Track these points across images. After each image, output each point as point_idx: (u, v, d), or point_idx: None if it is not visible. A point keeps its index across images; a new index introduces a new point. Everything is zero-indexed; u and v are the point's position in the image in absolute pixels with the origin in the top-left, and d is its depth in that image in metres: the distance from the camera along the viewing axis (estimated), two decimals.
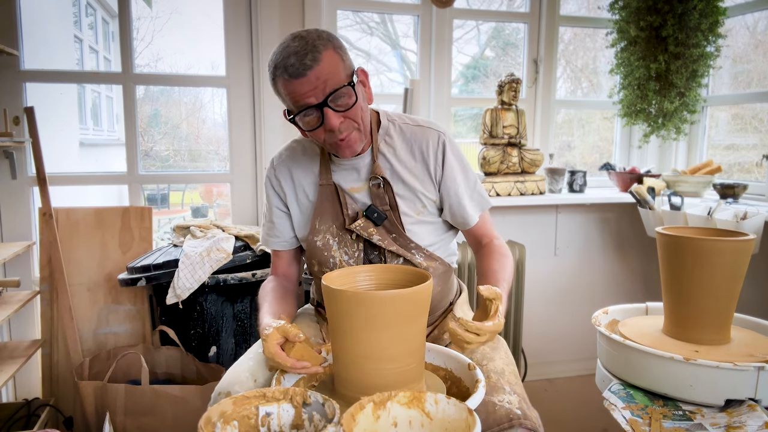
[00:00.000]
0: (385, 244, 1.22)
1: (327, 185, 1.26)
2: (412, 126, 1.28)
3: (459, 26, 2.71)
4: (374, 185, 1.23)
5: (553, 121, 2.70)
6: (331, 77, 1.08)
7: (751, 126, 2.74)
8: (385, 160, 1.25)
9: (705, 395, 1.12)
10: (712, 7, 2.33)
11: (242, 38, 2.22)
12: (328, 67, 1.08)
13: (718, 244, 1.20)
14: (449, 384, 1.09)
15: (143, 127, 4.22)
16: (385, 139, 1.26)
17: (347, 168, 1.26)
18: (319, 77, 1.07)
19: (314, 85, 1.08)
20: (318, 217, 1.27)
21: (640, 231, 2.60)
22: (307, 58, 1.06)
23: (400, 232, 1.23)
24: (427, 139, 1.25)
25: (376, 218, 1.22)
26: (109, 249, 2.08)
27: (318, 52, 1.07)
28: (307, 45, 1.07)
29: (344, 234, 1.25)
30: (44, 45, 2.97)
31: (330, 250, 1.26)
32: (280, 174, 1.31)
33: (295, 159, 1.31)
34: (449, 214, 1.29)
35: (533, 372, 2.63)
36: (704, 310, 1.24)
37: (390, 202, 1.23)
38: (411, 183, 1.25)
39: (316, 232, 1.27)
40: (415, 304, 0.94)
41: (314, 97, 1.09)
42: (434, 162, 1.25)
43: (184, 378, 1.95)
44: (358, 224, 1.22)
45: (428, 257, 1.26)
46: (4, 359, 1.79)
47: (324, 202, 1.26)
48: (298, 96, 1.09)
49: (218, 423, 0.82)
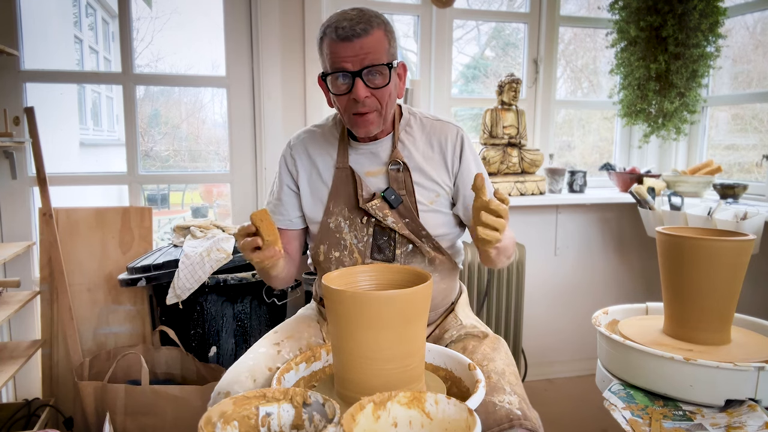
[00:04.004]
0: (398, 228, 1.25)
1: (343, 168, 1.29)
2: (432, 120, 1.34)
3: (459, 26, 2.71)
4: (393, 169, 1.26)
5: (553, 121, 2.70)
6: (373, 52, 1.14)
7: (751, 126, 2.74)
8: (404, 148, 1.29)
9: (705, 395, 1.12)
10: (712, 7, 2.33)
11: (242, 38, 2.22)
12: (374, 42, 1.14)
13: (718, 244, 1.20)
14: (449, 384, 1.09)
15: (143, 127, 4.22)
16: (405, 129, 1.31)
17: (366, 153, 1.29)
18: (363, 47, 1.13)
19: (356, 53, 1.13)
20: (333, 199, 1.29)
21: (640, 231, 2.60)
22: (359, 27, 1.12)
23: (414, 217, 1.25)
24: (446, 133, 1.30)
25: (393, 200, 1.25)
26: (109, 249, 2.08)
27: (371, 26, 1.14)
28: (363, 16, 1.14)
29: (355, 217, 1.28)
30: (44, 45, 2.96)
31: (341, 233, 1.29)
32: (297, 153, 1.34)
33: (315, 140, 1.34)
34: (462, 207, 1.30)
35: (533, 372, 2.63)
36: (704, 310, 1.24)
37: (407, 186, 1.26)
38: (428, 172, 1.28)
39: (330, 214, 1.29)
40: (415, 304, 0.94)
41: (351, 63, 1.14)
42: (452, 154, 1.29)
43: (184, 378, 1.95)
44: (374, 204, 1.24)
45: (436, 248, 1.28)
46: (4, 359, 1.79)
47: (339, 185, 1.29)
48: (338, 58, 1.14)
49: (218, 423, 0.82)
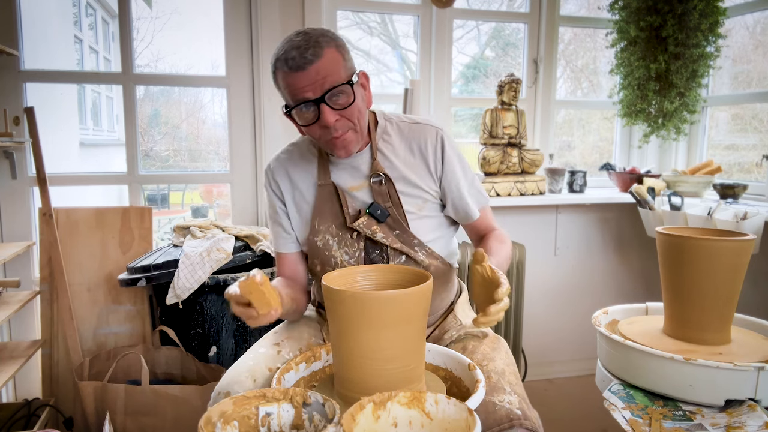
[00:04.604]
0: (388, 242, 1.22)
1: (326, 185, 1.26)
2: (409, 123, 1.29)
3: (459, 26, 2.71)
4: (375, 182, 1.23)
5: (553, 121, 2.70)
6: (330, 74, 1.09)
7: (751, 126, 2.74)
8: (384, 158, 1.25)
9: (705, 395, 1.12)
10: (712, 7, 2.33)
11: (242, 38, 2.22)
12: (328, 64, 1.09)
13: (718, 244, 1.20)
14: (449, 384, 1.09)
15: (143, 127, 4.21)
16: (383, 137, 1.27)
17: (346, 167, 1.26)
18: (319, 72, 1.08)
19: (313, 80, 1.08)
20: (317, 217, 1.26)
21: (640, 231, 2.60)
22: (309, 53, 1.07)
23: (404, 228, 1.23)
24: (425, 136, 1.26)
25: (380, 215, 1.22)
26: (109, 249, 2.08)
27: (320, 47, 1.08)
28: (310, 40, 1.09)
29: (344, 233, 1.25)
30: (44, 45, 2.96)
31: (330, 250, 1.26)
32: (278, 176, 1.31)
33: (293, 161, 1.31)
34: (452, 209, 1.29)
35: (533, 372, 2.63)
36: (704, 310, 1.24)
37: (392, 198, 1.23)
38: (411, 179, 1.25)
39: (316, 233, 1.26)
40: (415, 304, 0.94)
41: (312, 91, 1.09)
42: (434, 158, 1.25)
43: (184, 378, 1.95)
44: (361, 222, 1.22)
45: (430, 255, 1.26)
46: (4, 359, 1.79)
47: (323, 203, 1.26)
48: (297, 89, 1.10)
49: (218, 423, 0.82)
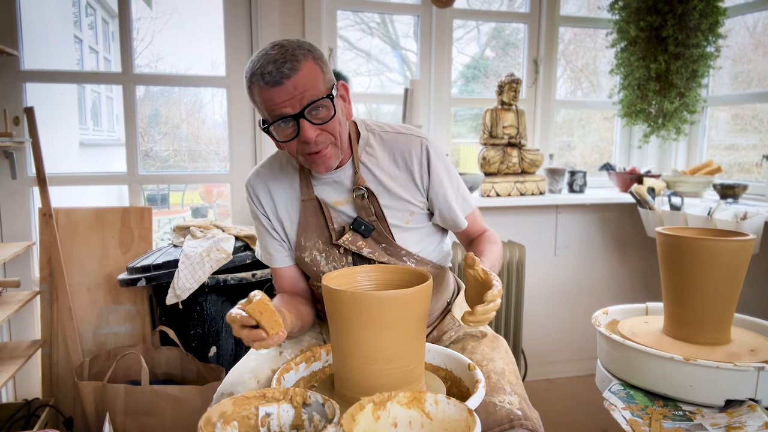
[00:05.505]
0: (375, 256, 1.20)
1: (309, 200, 1.22)
2: (392, 134, 1.24)
3: (459, 26, 2.71)
4: (358, 196, 1.19)
5: (553, 122, 2.70)
6: (309, 88, 1.05)
7: (751, 126, 2.74)
8: (367, 171, 1.21)
9: (705, 395, 1.12)
10: (712, 7, 2.33)
11: (242, 38, 2.22)
12: (306, 78, 1.05)
13: (718, 244, 1.20)
14: (449, 384, 1.09)
15: (143, 127, 4.21)
16: (366, 149, 1.22)
17: (329, 182, 1.21)
18: (296, 87, 1.04)
19: (291, 95, 1.04)
20: (303, 233, 1.23)
21: (640, 231, 2.60)
22: (286, 67, 1.03)
23: (390, 241, 1.21)
24: (409, 147, 1.21)
25: (364, 230, 1.19)
26: (109, 249, 2.08)
27: (297, 61, 1.04)
28: (286, 53, 1.04)
29: (331, 249, 1.22)
30: (44, 45, 2.96)
31: (318, 266, 1.23)
32: (259, 191, 1.26)
33: (273, 175, 1.26)
34: (440, 218, 1.27)
35: (533, 372, 2.63)
36: (704, 311, 1.24)
37: (376, 212, 1.20)
38: (396, 192, 1.21)
39: (303, 249, 1.24)
40: (415, 304, 0.94)
41: (291, 107, 1.05)
42: (419, 169, 1.21)
43: (184, 378, 1.95)
44: (346, 239, 1.19)
45: (420, 262, 1.25)
46: (4, 359, 1.79)
47: (308, 218, 1.23)
48: (274, 105, 1.05)
49: (218, 423, 0.82)
